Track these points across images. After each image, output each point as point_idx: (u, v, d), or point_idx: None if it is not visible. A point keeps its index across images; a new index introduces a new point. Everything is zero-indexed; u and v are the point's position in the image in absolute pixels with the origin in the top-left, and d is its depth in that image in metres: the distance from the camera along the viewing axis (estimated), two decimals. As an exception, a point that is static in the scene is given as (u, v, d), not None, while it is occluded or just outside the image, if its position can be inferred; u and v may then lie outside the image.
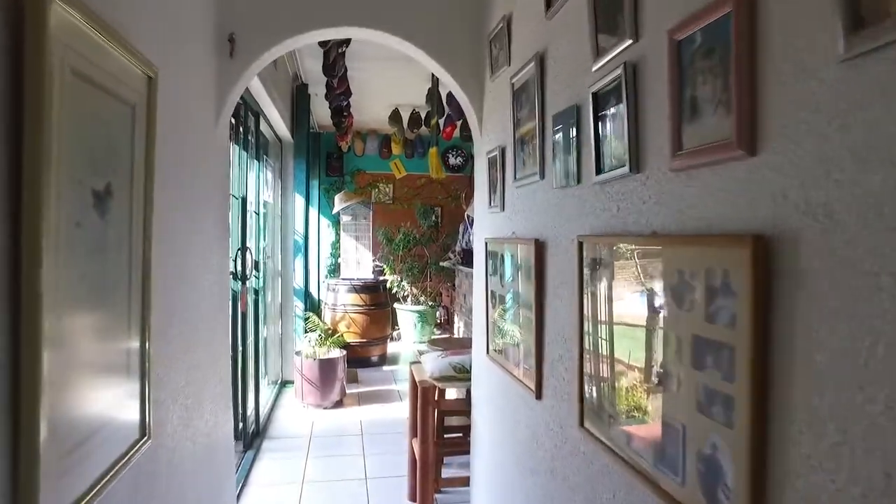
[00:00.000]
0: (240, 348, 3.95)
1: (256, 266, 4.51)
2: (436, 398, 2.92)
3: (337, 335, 5.59)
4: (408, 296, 7.87)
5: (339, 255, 8.10)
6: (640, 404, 1.19)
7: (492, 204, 2.43)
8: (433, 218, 8.55)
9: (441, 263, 6.36)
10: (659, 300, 1.11)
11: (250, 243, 4.26)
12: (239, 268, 3.88)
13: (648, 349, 1.16)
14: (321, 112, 6.60)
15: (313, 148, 6.90)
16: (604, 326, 1.38)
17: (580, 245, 1.48)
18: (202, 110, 2.23)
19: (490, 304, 2.44)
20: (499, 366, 2.31)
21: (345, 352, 5.33)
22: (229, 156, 2.73)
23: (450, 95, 5.25)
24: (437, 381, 2.89)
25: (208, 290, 2.37)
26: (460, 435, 3.38)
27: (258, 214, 4.65)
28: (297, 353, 5.19)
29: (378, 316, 6.67)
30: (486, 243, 2.46)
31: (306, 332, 5.54)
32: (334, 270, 8.18)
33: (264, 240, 5.23)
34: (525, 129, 1.98)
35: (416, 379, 3.02)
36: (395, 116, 6.66)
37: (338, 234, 8.19)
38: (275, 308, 5.68)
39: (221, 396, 2.58)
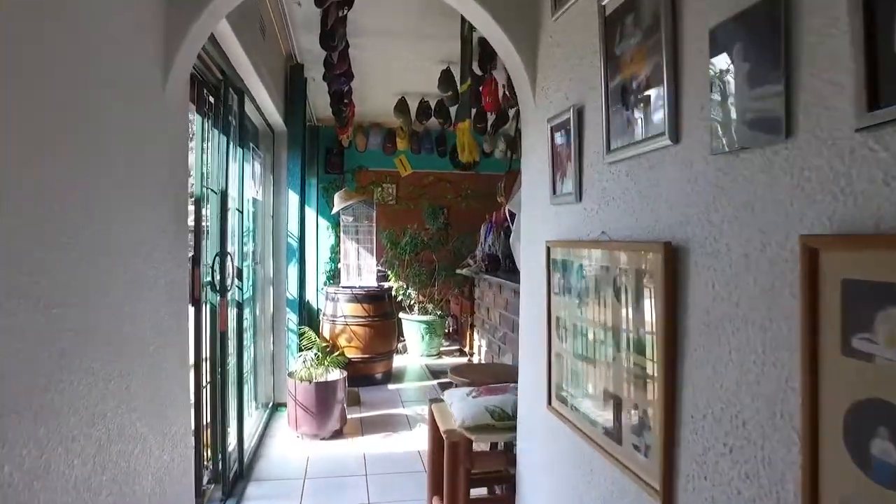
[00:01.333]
0: (219, 375, 3.23)
1: (240, 274, 3.78)
2: (466, 452, 2.19)
3: (336, 353, 4.85)
4: (414, 304, 7.13)
5: (339, 260, 7.34)
6: None
7: (557, 192, 1.71)
8: (441, 220, 7.83)
9: (458, 271, 5.60)
10: None
11: (232, 247, 3.53)
12: (217, 277, 3.16)
13: None
14: (320, 103, 5.92)
15: (311, 142, 6.17)
16: None
17: (811, 253, 0.76)
18: (132, 47, 1.51)
19: (556, 336, 1.71)
20: (572, 427, 1.58)
21: (345, 372, 4.59)
22: (188, 129, 2.01)
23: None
24: (470, 431, 2.16)
25: (151, 313, 1.65)
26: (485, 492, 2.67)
27: (241, 213, 3.91)
28: (290, 375, 4.45)
29: (382, 328, 5.92)
30: (549, 249, 1.74)
31: (301, 349, 4.80)
32: (334, 277, 7.43)
33: (252, 243, 4.50)
34: (632, 70, 1.26)
35: (441, 427, 2.28)
36: (401, 106, 5.95)
37: (337, 237, 7.44)
38: (265, 321, 4.95)
39: (175, 463, 1.85)
